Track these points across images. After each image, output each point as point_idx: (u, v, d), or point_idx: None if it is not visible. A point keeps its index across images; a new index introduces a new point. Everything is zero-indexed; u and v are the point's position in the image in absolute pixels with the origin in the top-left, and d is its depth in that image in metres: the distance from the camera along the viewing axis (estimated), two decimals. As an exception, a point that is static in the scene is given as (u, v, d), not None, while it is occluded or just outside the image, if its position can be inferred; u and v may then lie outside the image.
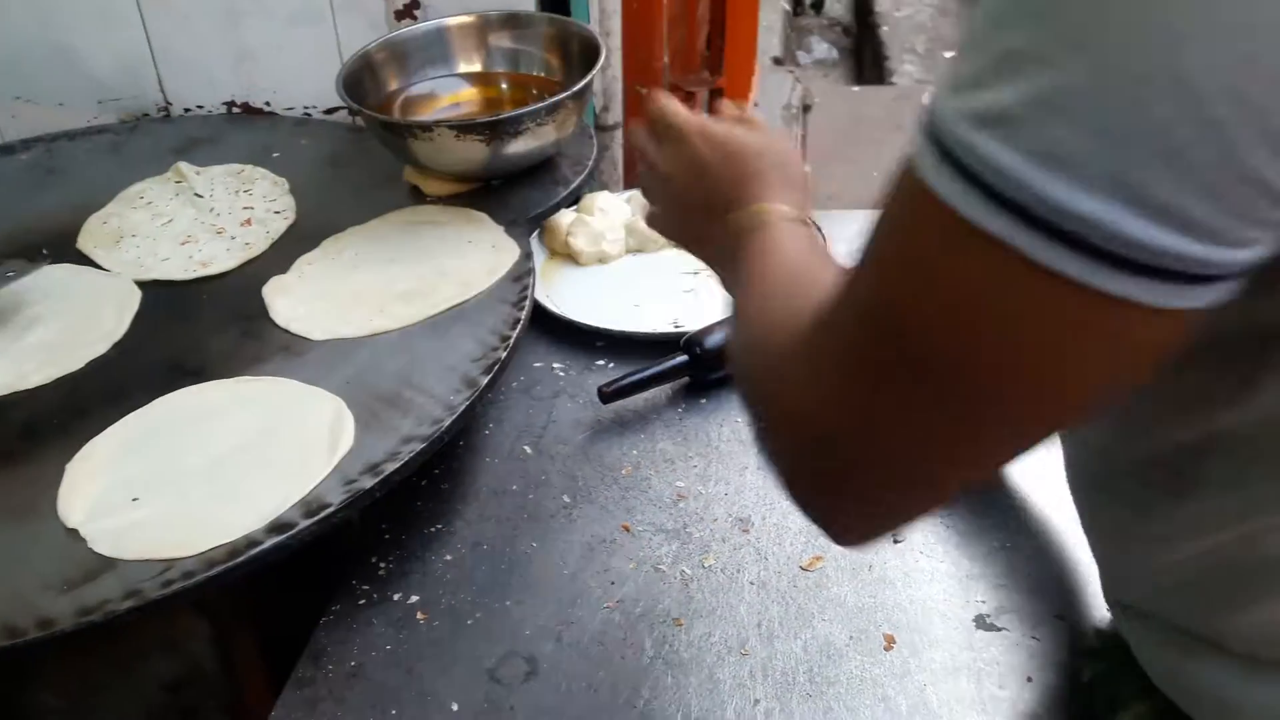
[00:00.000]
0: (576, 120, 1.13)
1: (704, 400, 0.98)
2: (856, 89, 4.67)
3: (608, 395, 0.95)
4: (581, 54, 1.17)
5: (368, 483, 0.77)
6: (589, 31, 1.20)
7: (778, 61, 4.69)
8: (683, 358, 0.98)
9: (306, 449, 0.81)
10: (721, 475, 0.89)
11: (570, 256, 1.19)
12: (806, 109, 4.07)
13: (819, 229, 0.82)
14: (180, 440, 0.84)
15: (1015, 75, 0.35)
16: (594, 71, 1.09)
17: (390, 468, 0.78)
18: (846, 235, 1.21)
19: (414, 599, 0.79)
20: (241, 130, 1.32)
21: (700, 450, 0.92)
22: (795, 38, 5.38)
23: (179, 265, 1.07)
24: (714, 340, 0.98)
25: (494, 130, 1.05)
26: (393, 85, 1.21)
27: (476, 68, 1.24)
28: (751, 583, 0.79)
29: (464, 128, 1.05)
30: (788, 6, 5.48)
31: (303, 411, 0.86)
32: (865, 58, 5.22)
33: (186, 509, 0.77)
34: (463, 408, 0.84)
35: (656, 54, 1.70)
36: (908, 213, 0.42)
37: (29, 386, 0.91)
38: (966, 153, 0.37)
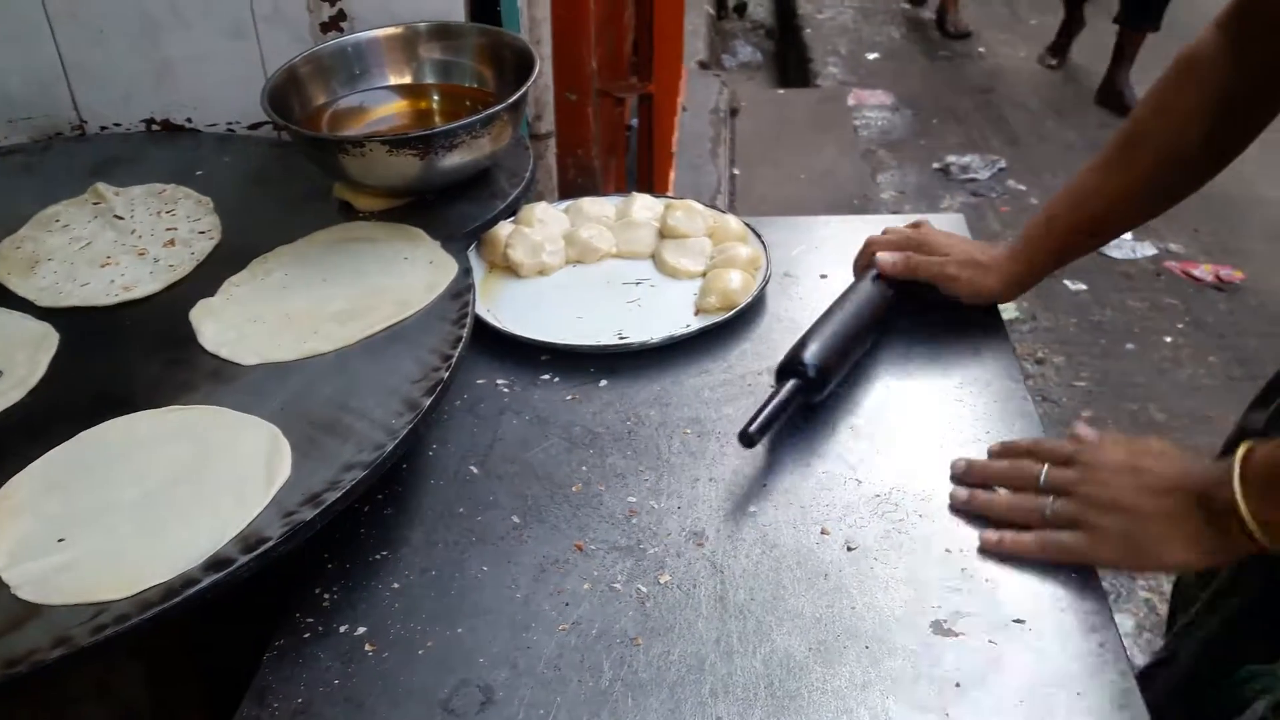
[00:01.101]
0: (512, 132, 1.11)
1: (652, 413, 0.97)
2: (782, 91, 4.72)
3: (752, 437, 0.87)
4: (515, 64, 1.16)
5: (308, 514, 0.74)
6: (521, 42, 1.18)
7: (704, 65, 4.71)
8: (795, 382, 0.93)
9: (242, 480, 0.78)
10: (673, 489, 0.88)
11: (510, 269, 1.17)
12: (734, 112, 4.10)
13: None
14: (108, 475, 0.80)
15: None
16: (529, 83, 1.08)
17: (331, 497, 0.75)
18: (783, 241, 1.21)
19: (361, 630, 0.77)
20: (162, 148, 1.27)
21: (650, 464, 0.91)
22: (720, 41, 5.41)
23: (100, 290, 1.03)
24: (816, 359, 0.94)
25: (428, 144, 1.03)
26: (320, 99, 1.18)
27: (407, 80, 1.21)
28: (708, 598, 0.78)
29: (397, 142, 1.02)
30: (711, 10, 5.51)
31: (236, 441, 0.82)
32: (789, 60, 5.28)
33: (117, 548, 0.73)
34: (405, 432, 0.81)
35: (585, 60, 1.69)
36: None
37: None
38: None
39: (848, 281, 1.15)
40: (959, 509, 0.85)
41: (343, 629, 0.77)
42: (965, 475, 0.87)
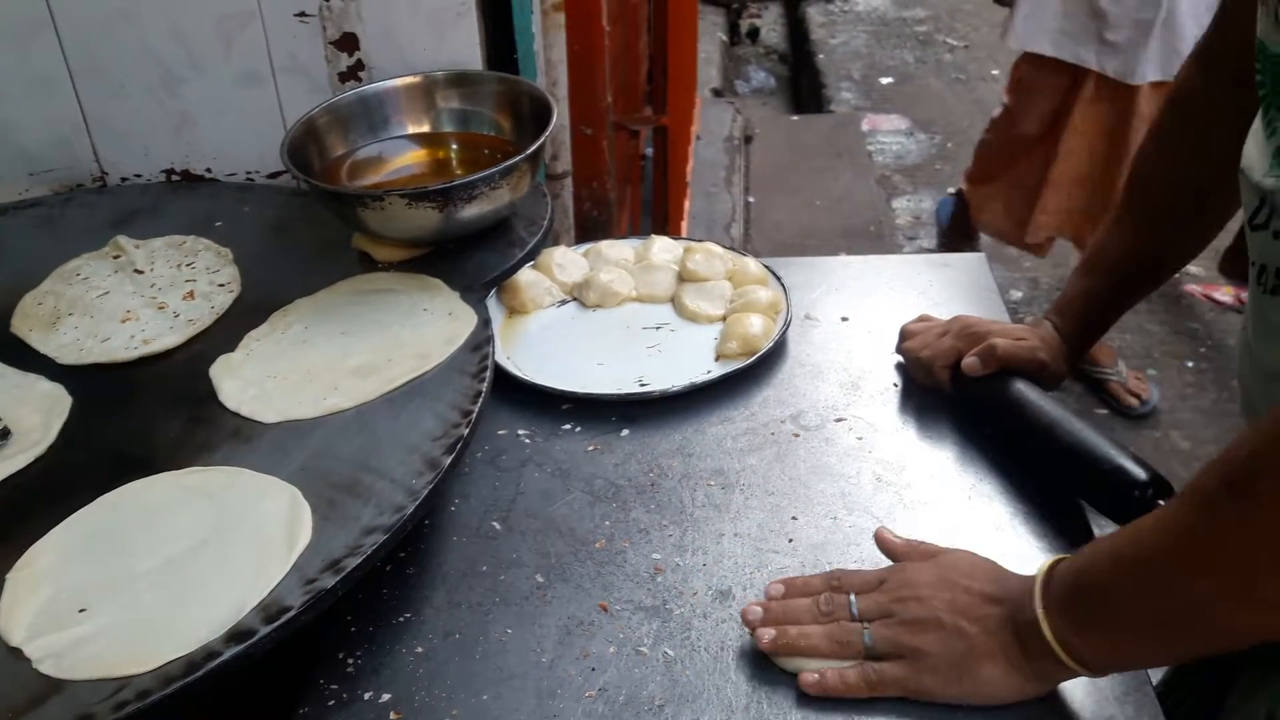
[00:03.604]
0: (530, 180, 1.10)
1: (674, 463, 0.96)
2: (796, 118, 4.72)
3: None
4: (532, 112, 1.16)
5: (329, 581, 0.73)
6: (538, 90, 1.18)
7: (717, 93, 4.73)
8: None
9: (263, 546, 0.77)
10: (698, 544, 0.87)
11: (528, 312, 1.17)
12: (748, 140, 4.10)
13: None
14: (128, 541, 0.79)
15: None
16: (546, 133, 1.07)
17: (352, 563, 0.75)
18: (803, 283, 1.20)
19: (386, 697, 0.76)
20: (182, 199, 1.28)
21: (674, 518, 0.90)
22: (733, 67, 5.43)
23: (120, 344, 1.03)
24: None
25: (447, 197, 1.02)
26: (339, 149, 1.18)
27: (425, 129, 1.21)
28: (736, 661, 0.76)
29: (416, 195, 1.02)
30: (724, 36, 5.53)
31: (257, 504, 0.82)
32: (803, 86, 5.28)
33: (138, 618, 0.72)
34: (425, 493, 0.81)
35: (601, 95, 1.69)
36: None
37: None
38: None
39: (870, 325, 1.14)
40: (767, 652, 0.76)
41: (367, 695, 0.76)
42: (767, 618, 0.77)
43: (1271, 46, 0.72)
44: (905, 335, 1.07)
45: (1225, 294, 3.11)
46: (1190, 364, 2.86)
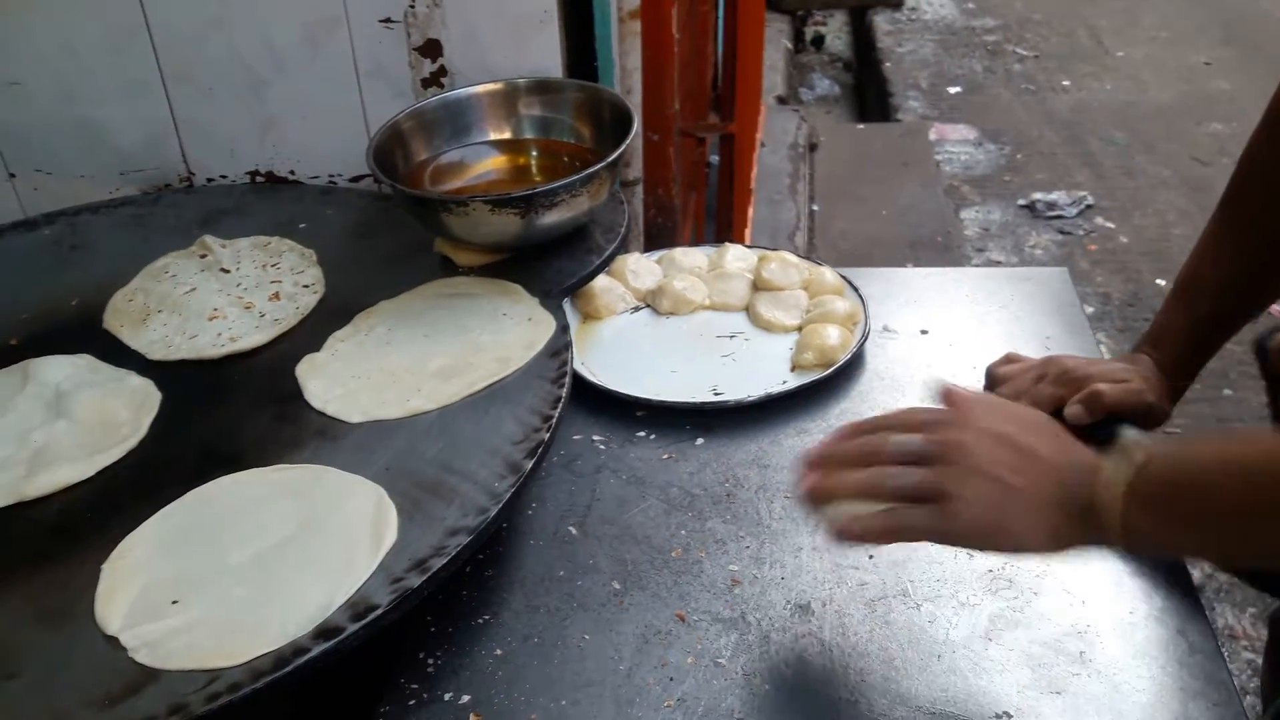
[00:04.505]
0: (609, 188, 1.11)
1: (750, 474, 0.96)
2: (861, 126, 4.68)
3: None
4: (612, 120, 1.16)
5: (415, 581, 0.74)
6: (619, 99, 1.18)
7: (782, 100, 4.71)
8: None
9: (350, 544, 0.78)
10: (776, 557, 0.87)
11: (602, 318, 1.17)
12: (813, 147, 4.07)
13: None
14: (219, 535, 0.81)
15: None
16: (627, 141, 1.08)
17: (438, 564, 0.76)
18: (879, 294, 1.19)
19: (465, 698, 0.76)
20: (266, 200, 1.30)
21: (751, 529, 0.89)
22: (797, 75, 5.40)
23: (208, 342, 1.05)
24: None
25: (529, 204, 1.03)
26: (421, 154, 1.19)
27: (506, 135, 1.23)
28: (816, 677, 0.76)
29: (499, 202, 1.03)
30: (789, 44, 5.51)
31: (344, 502, 0.83)
32: (868, 94, 5.24)
33: (229, 612, 0.74)
34: (508, 496, 0.81)
35: (669, 101, 1.69)
36: None
37: (59, 486, 0.88)
38: None
39: (951, 337, 1.13)
40: (807, 499, 0.75)
41: (447, 696, 0.76)
42: (815, 461, 0.75)
43: None
44: (994, 380, 1.02)
45: (1306, 313, 3.03)
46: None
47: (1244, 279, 0.95)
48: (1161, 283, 3.24)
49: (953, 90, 4.91)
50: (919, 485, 0.70)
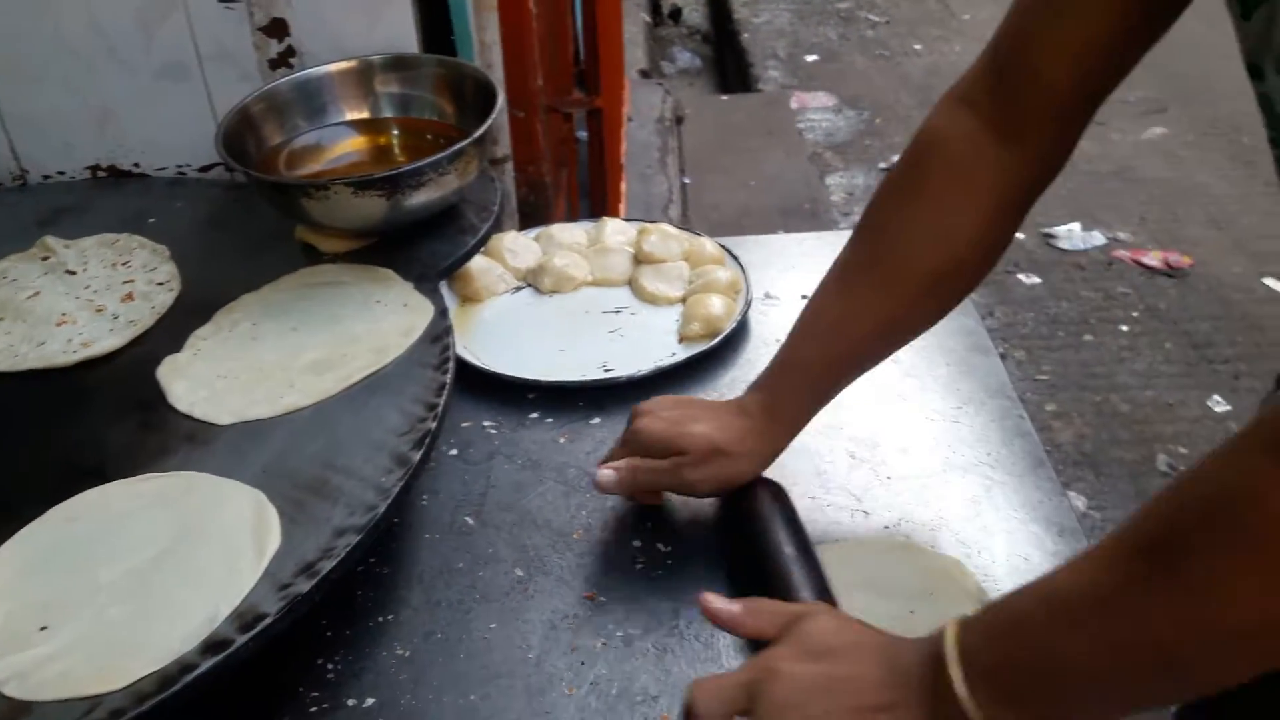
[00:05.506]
0: (478, 165, 1.07)
1: (645, 449, 0.94)
2: (725, 98, 4.71)
3: None
4: (475, 95, 1.12)
5: (304, 586, 0.70)
6: (481, 72, 1.15)
7: (644, 74, 4.70)
8: None
9: (231, 552, 0.74)
10: (679, 529, 0.85)
11: (481, 299, 1.14)
12: (679, 120, 4.08)
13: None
14: (87, 553, 0.75)
15: None
16: (493, 115, 1.04)
17: (327, 566, 0.71)
18: (759, 261, 1.19)
19: (370, 701, 0.73)
20: (110, 196, 1.22)
21: (650, 505, 0.88)
22: (658, 48, 5.40)
23: (58, 349, 0.98)
24: None
25: (394, 184, 0.99)
26: (275, 139, 1.13)
27: (364, 115, 1.17)
28: (728, 646, 0.75)
29: (362, 183, 0.98)
30: (647, 17, 5.50)
31: (220, 509, 0.78)
32: (729, 65, 5.28)
33: (105, 634, 0.69)
34: (397, 490, 0.77)
35: (531, 76, 1.66)
36: None
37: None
38: None
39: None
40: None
41: (351, 702, 0.73)
42: None
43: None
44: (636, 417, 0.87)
45: (1154, 258, 3.19)
46: (1124, 328, 2.93)
47: (891, 323, 0.82)
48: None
49: (810, 58, 4.99)
50: None
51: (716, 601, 0.70)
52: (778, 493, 0.83)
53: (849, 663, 0.62)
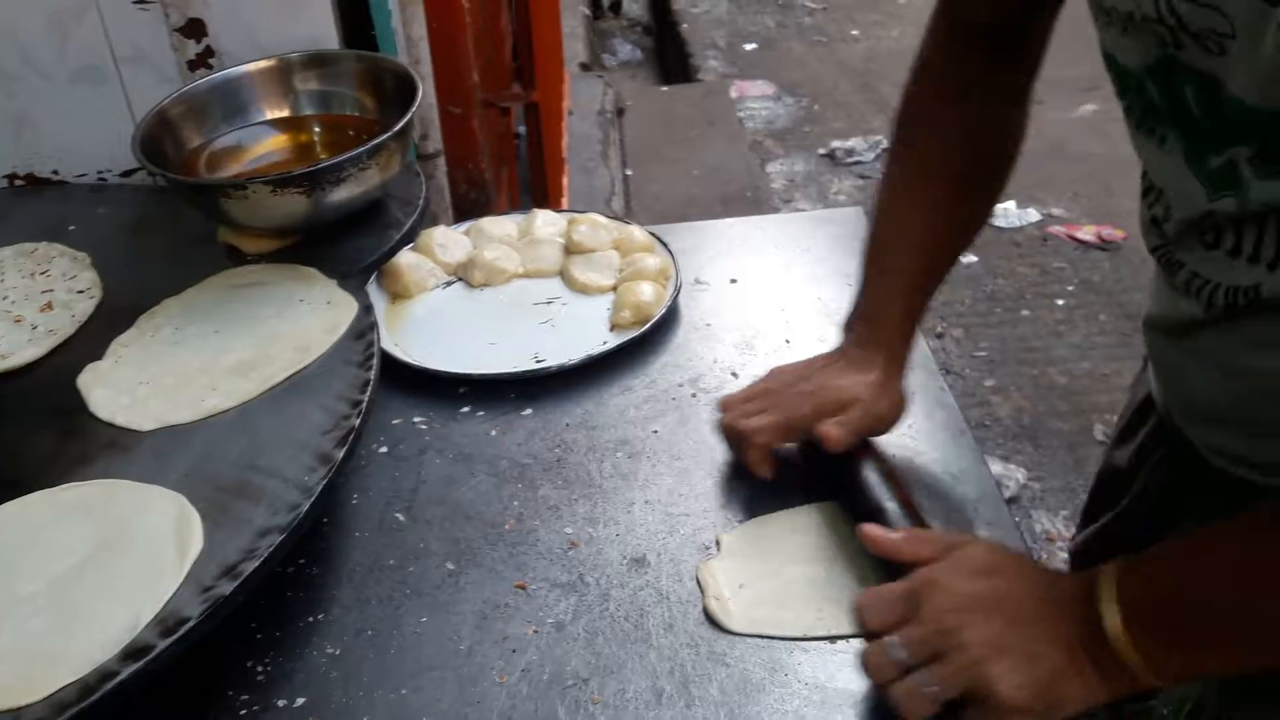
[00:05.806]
0: (400, 159, 1.07)
1: (579, 437, 0.95)
2: (666, 89, 4.71)
3: None
4: (396, 89, 1.12)
5: (227, 588, 0.70)
6: (401, 66, 1.14)
7: (585, 67, 4.69)
8: None
9: (153, 557, 0.73)
10: (610, 515, 0.86)
11: (412, 296, 1.13)
12: (620, 112, 4.08)
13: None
14: (6, 565, 0.74)
15: None
16: (413, 109, 1.04)
17: (250, 567, 0.71)
18: (690, 248, 1.19)
19: (300, 701, 0.72)
20: (27, 204, 1.20)
21: (584, 492, 0.88)
22: (599, 41, 5.39)
23: (-26, 363, 0.96)
24: None
25: (314, 181, 0.98)
26: (195, 141, 1.12)
27: (284, 113, 1.16)
28: (657, 627, 0.76)
29: (281, 181, 0.97)
30: (587, 10, 5.49)
31: (142, 515, 0.77)
32: (669, 56, 5.28)
33: (25, 645, 0.68)
34: (320, 488, 0.77)
35: (466, 72, 1.65)
36: None
37: None
38: None
39: (759, 285, 1.15)
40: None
41: (281, 703, 0.72)
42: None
43: (1122, 58, 0.69)
44: (723, 409, 0.92)
45: (1088, 233, 3.25)
46: (1060, 302, 2.98)
47: (941, 232, 0.89)
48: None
49: (749, 47, 5.01)
50: (956, 690, 0.65)
51: (877, 530, 0.75)
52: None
53: (1007, 581, 0.68)
